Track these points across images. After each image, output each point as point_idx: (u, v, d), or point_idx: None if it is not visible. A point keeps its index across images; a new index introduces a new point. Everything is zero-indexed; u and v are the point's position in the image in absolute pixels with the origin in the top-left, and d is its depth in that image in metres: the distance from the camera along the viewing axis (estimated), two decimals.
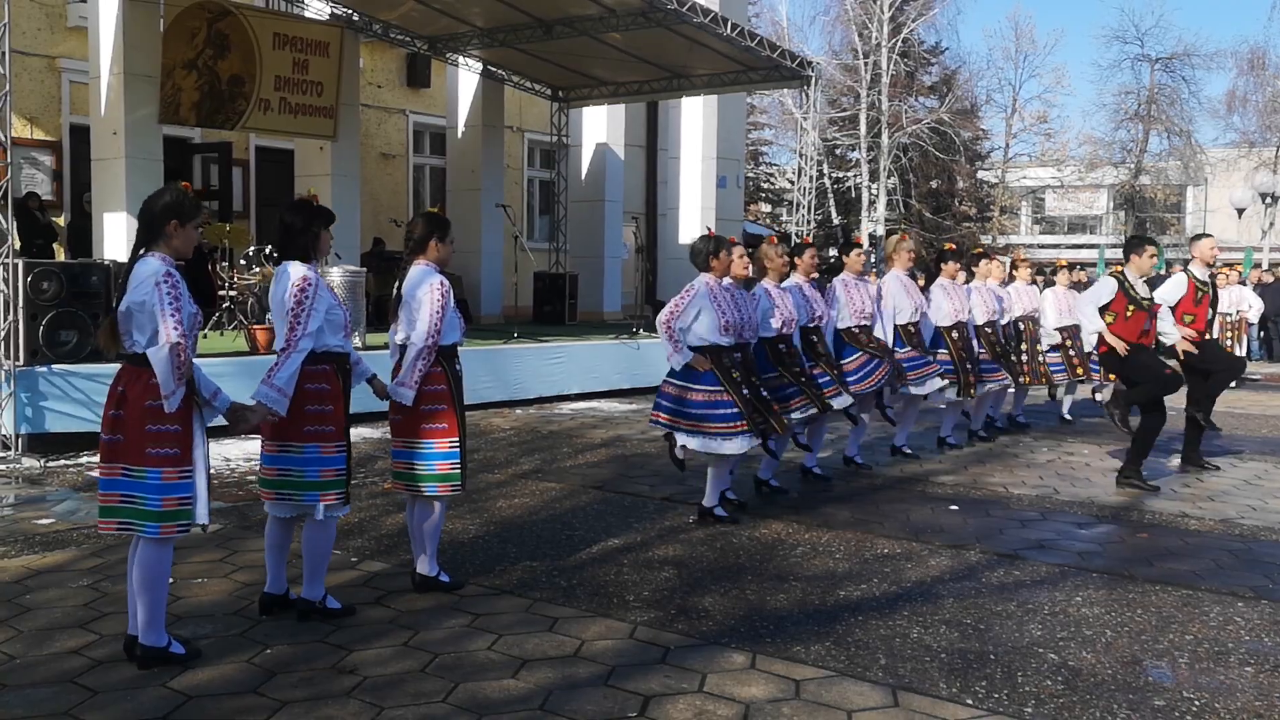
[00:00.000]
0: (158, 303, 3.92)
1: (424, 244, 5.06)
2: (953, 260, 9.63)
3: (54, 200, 14.74)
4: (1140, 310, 7.92)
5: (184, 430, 4.04)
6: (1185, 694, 4.12)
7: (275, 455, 4.56)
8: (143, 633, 4.13)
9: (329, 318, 4.51)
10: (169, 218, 4.07)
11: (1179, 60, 38.63)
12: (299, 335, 4.39)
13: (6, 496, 7.20)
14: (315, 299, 4.44)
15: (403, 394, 4.91)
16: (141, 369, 4.00)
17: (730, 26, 13.33)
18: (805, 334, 7.46)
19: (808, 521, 6.76)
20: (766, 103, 38.36)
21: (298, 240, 4.57)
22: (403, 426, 5.02)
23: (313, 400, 4.49)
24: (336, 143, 14.68)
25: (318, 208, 4.70)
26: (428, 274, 5.00)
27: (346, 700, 3.89)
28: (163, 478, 4.00)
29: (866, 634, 4.71)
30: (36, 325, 8.43)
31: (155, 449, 3.99)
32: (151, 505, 4.01)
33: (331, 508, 4.59)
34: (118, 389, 4.06)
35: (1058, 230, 48.75)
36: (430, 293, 4.91)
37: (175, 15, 12.59)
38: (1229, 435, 11.00)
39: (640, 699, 3.95)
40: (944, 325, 9.28)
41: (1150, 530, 6.77)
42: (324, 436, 4.53)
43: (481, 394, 11.26)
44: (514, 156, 20.35)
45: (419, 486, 5.02)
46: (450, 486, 5.01)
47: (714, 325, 6.30)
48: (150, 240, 4.09)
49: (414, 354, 4.90)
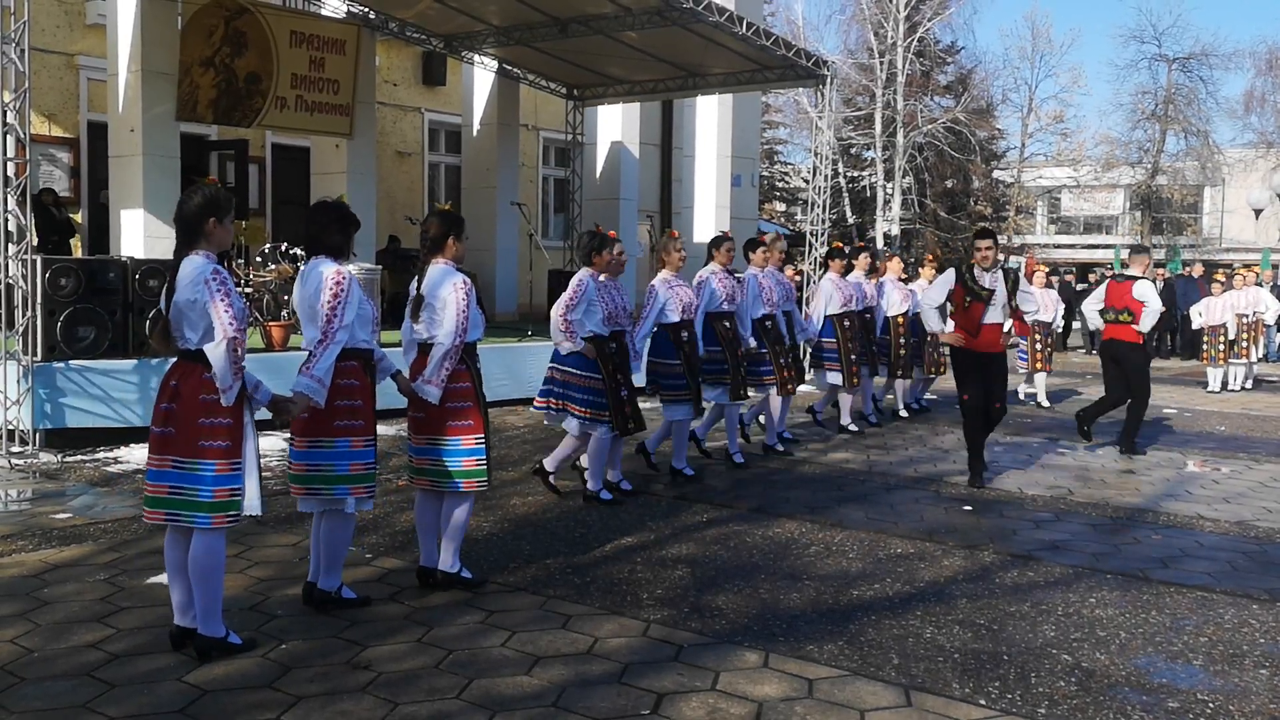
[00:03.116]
0: (210, 299, 4.01)
1: (441, 242, 5.10)
2: (838, 257, 10.57)
3: (71, 197, 14.82)
4: (978, 301, 7.93)
5: (235, 423, 4.14)
6: (1200, 696, 4.11)
7: (305, 450, 4.63)
8: (201, 623, 4.22)
9: (359, 314, 4.60)
10: (207, 215, 4.15)
11: (1196, 60, 38.42)
12: (335, 328, 4.47)
13: (24, 491, 7.25)
14: (350, 293, 4.52)
15: (429, 392, 4.96)
16: (194, 364, 4.10)
17: (746, 25, 13.32)
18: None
19: (821, 521, 6.76)
20: (781, 101, 38.33)
21: (331, 240, 4.64)
22: (426, 424, 5.06)
23: (342, 395, 4.57)
24: (352, 140, 14.72)
25: (349, 212, 4.81)
26: (449, 273, 5.05)
27: (361, 696, 3.91)
28: (216, 470, 4.10)
29: (880, 634, 4.71)
30: (54, 321, 8.48)
31: (208, 441, 4.09)
32: (204, 496, 4.10)
33: (360, 501, 4.68)
34: (170, 383, 4.15)
35: (1073, 230, 48.56)
36: (454, 292, 4.97)
37: (193, 13, 12.64)
38: (1246, 438, 10.95)
39: (653, 697, 3.96)
40: (834, 314, 10.11)
41: (1165, 532, 6.75)
42: (354, 431, 4.61)
43: (496, 391, 11.26)
44: (529, 155, 20.37)
45: (445, 483, 5.06)
46: (477, 482, 5.06)
47: (598, 317, 6.83)
48: (191, 240, 4.16)
49: (441, 353, 4.95)
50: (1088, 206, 46.27)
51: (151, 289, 9.04)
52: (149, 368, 8.87)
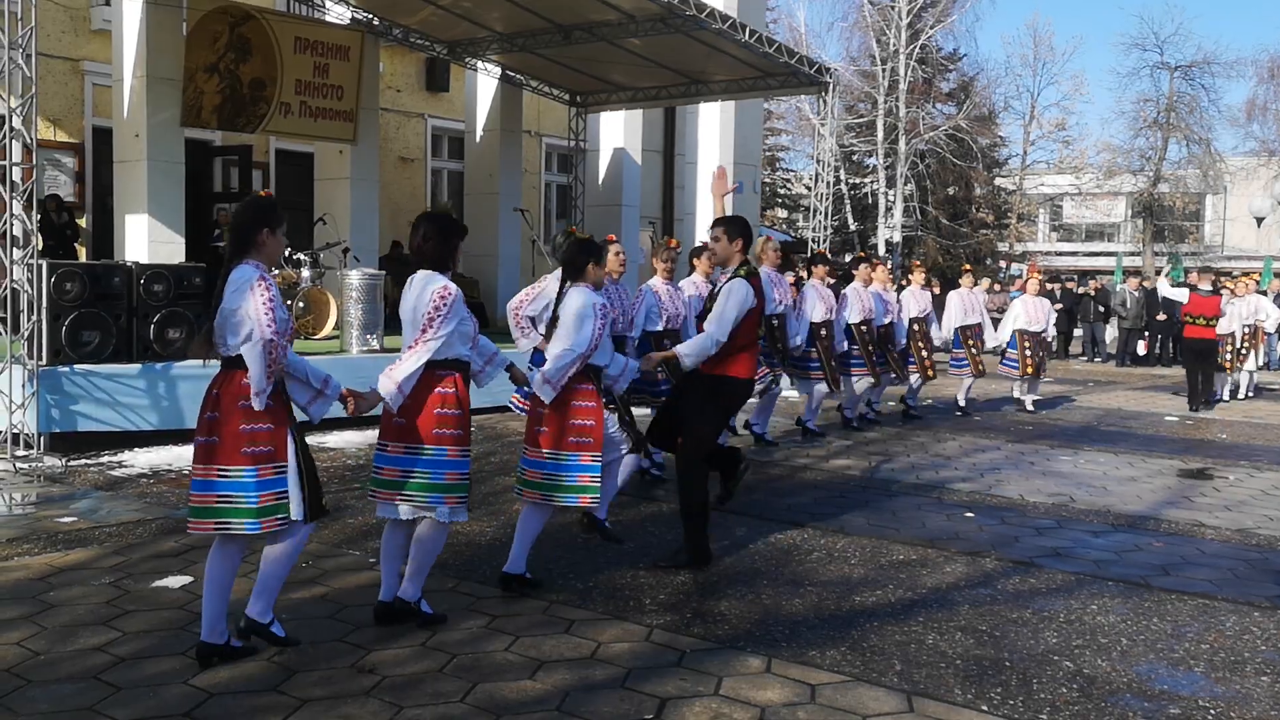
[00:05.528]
0: (254, 305, 4.05)
1: (582, 268, 5.44)
2: (821, 264, 10.92)
3: (76, 202, 14.86)
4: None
5: (277, 428, 4.18)
6: (1201, 703, 4.12)
7: (399, 456, 4.63)
8: (251, 604, 4.34)
9: (460, 329, 4.65)
10: (260, 226, 4.22)
11: (1198, 68, 38.38)
12: (429, 337, 4.53)
13: (29, 495, 7.27)
14: (453, 308, 4.58)
15: (546, 391, 5.22)
16: (234, 371, 4.13)
17: (748, 33, 13.35)
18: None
19: (824, 527, 6.77)
20: (784, 108, 38.32)
21: (437, 251, 4.70)
22: (546, 437, 5.30)
23: (442, 404, 4.61)
24: (356, 146, 14.75)
25: (456, 221, 4.86)
26: (584, 293, 5.38)
27: (366, 699, 3.92)
28: (259, 474, 4.13)
29: (882, 639, 4.72)
30: (59, 326, 8.51)
31: (250, 448, 4.12)
32: (250, 502, 4.13)
33: (454, 510, 4.68)
34: (213, 391, 4.19)
35: (1075, 238, 48.55)
36: (589, 308, 5.29)
37: (198, 19, 12.68)
38: (1247, 444, 10.96)
39: (657, 701, 3.98)
40: (816, 322, 10.34)
41: (1166, 539, 6.76)
42: (451, 440, 4.63)
43: (498, 397, 11.28)
44: (531, 161, 20.40)
45: (559, 497, 5.27)
46: (589, 498, 5.32)
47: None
48: (243, 249, 4.21)
49: (571, 358, 5.22)
50: (1089, 214, 46.28)
51: (156, 294, 9.08)
52: (153, 372, 8.90)
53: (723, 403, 5.84)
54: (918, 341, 11.85)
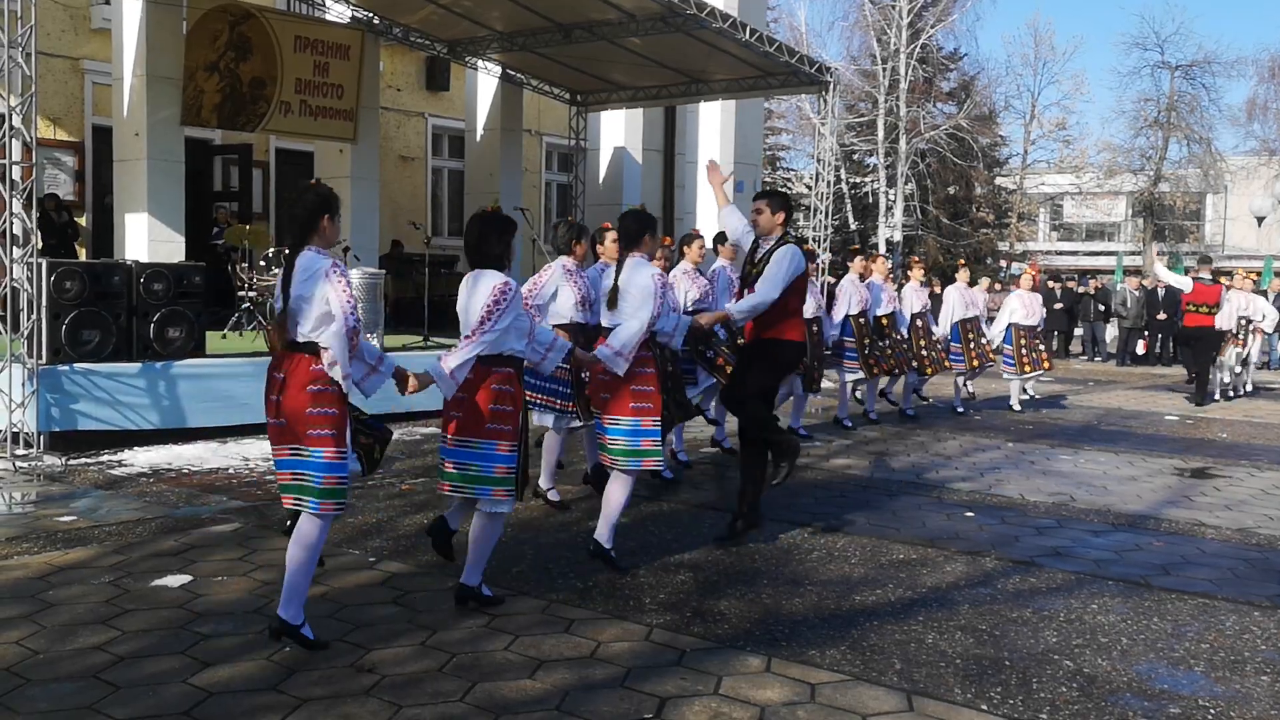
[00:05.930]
0: (335, 294, 4.19)
1: (638, 239, 5.70)
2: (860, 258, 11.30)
3: (76, 201, 14.86)
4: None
5: (339, 414, 4.29)
6: (1201, 702, 4.12)
7: (454, 449, 4.79)
8: (282, 606, 4.36)
9: (516, 324, 4.76)
10: (321, 213, 4.39)
11: (1199, 67, 38.38)
12: (485, 330, 4.65)
13: (29, 494, 7.27)
14: (511, 304, 4.70)
15: (618, 364, 5.40)
16: (300, 354, 4.26)
17: (749, 32, 13.34)
18: None
19: (823, 527, 6.77)
20: (784, 108, 38.32)
21: (492, 250, 4.82)
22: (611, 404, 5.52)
23: (497, 400, 4.73)
24: (356, 145, 14.74)
25: (507, 218, 4.94)
26: (642, 264, 5.65)
27: (365, 699, 3.92)
28: (324, 457, 4.25)
29: (882, 639, 4.72)
30: (59, 324, 8.50)
31: (316, 430, 4.24)
32: (315, 482, 4.26)
33: (498, 502, 4.81)
34: (277, 375, 4.30)
35: (1076, 237, 48.54)
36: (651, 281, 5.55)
37: (198, 18, 12.67)
38: (1247, 444, 10.96)
39: (656, 701, 3.97)
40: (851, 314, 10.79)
41: (1166, 539, 6.76)
42: (502, 435, 4.75)
43: None
44: (532, 160, 20.41)
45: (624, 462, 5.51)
46: (654, 461, 5.56)
47: (572, 302, 6.95)
48: (305, 236, 4.37)
49: (639, 331, 5.43)
50: (1090, 213, 46.25)
51: (156, 293, 9.07)
52: (153, 371, 8.90)
53: (778, 362, 6.36)
54: (918, 337, 11.84)
